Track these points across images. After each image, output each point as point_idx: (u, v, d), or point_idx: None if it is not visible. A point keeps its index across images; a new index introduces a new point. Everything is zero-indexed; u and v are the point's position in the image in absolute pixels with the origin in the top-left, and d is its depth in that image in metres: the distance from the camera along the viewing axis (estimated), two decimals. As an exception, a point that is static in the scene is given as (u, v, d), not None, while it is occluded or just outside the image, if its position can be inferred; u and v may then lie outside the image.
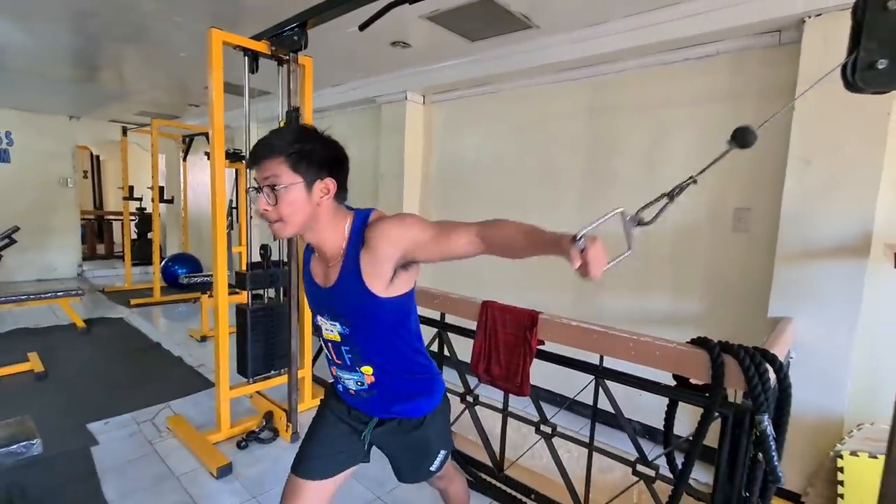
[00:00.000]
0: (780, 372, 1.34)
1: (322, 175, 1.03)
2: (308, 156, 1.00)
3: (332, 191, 1.05)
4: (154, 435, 2.46)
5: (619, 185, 2.61)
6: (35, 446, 1.60)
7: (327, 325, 1.16)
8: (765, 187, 2.14)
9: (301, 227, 1.06)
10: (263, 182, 1.01)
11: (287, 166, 0.99)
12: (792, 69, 2.00)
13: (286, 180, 0.99)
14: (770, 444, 1.28)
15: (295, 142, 1.00)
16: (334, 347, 1.17)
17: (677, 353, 1.50)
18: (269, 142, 1.01)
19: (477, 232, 0.99)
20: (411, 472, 1.34)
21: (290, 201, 1.00)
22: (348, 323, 1.12)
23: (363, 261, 1.06)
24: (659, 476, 1.59)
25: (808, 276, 1.91)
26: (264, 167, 1.00)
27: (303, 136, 1.03)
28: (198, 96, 4.93)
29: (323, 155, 1.03)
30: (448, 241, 1.01)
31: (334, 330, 1.14)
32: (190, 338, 4.17)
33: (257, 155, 1.01)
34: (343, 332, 1.13)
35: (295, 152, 0.99)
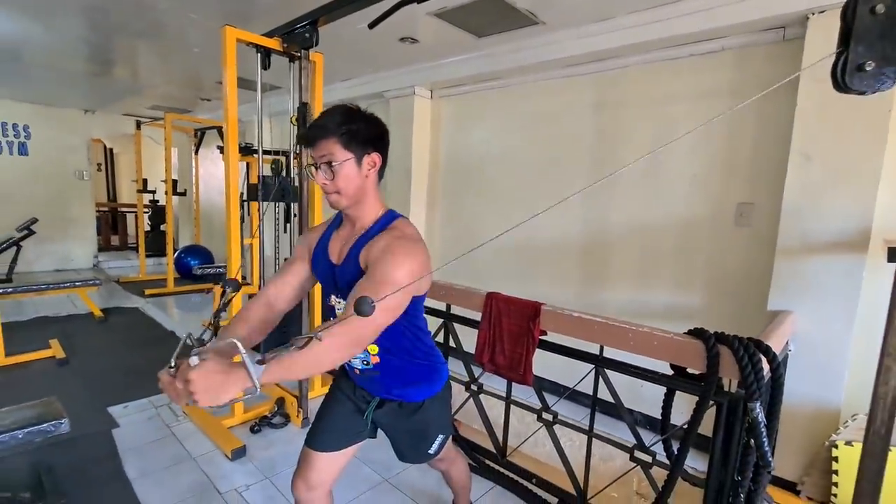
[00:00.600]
0: (773, 362, 1.38)
1: (369, 150, 1.12)
2: (356, 134, 1.10)
3: (378, 164, 1.15)
4: (171, 419, 2.56)
5: (623, 179, 2.64)
6: (63, 425, 1.70)
7: (340, 304, 1.23)
8: (767, 182, 2.17)
9: (353, 198, 1.15)
10: (320, 160, 1.11)
11: (340, 145, 1.09)
12: (795, 65, 2.02)
13: (340, 157, 1.09)
14: (761, 431, 1.33)
15: (344, 122, 1.09)
16: None
17: (674, 344, 1.55)
18: (323, 123, 1.10)
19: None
20: (411, 453, 1.43)
21: (345, 175, 1.11)
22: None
23: (364, 251, 1.13)
24: (656, 462, 1.65)
25: (808, 270, 1.94)
26: (320, 147, 1.10)
27: (350, 116, 1.11)
28: (210, 91, 5.02)
29: (368, 132, 1.12)
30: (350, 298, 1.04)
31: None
32: (203, 327, 4.27)
33: (313, 136, 1.11)
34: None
35: (345, 132, 1.08)
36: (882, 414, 0.85)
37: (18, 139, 6.13)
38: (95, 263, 6.96)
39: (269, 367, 0.87)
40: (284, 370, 0.90)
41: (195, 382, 0.82)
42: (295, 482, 1.33)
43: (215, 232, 7.14)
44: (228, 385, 0.84)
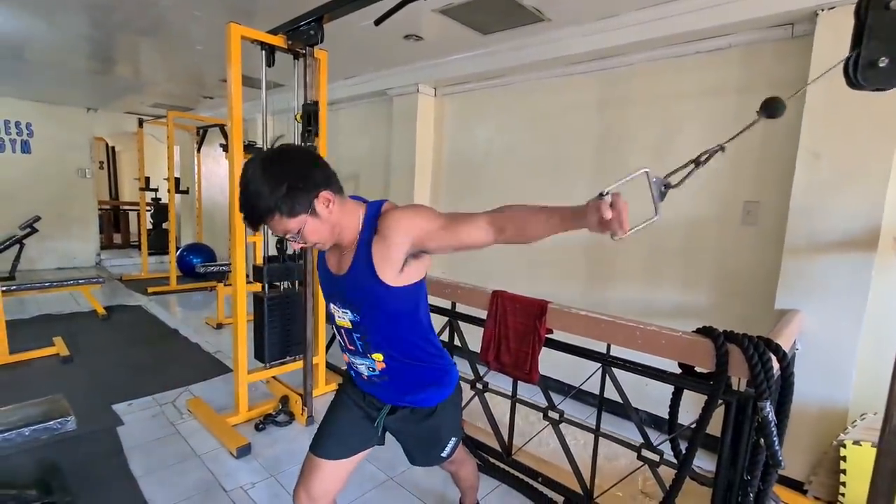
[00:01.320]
0: (782, 361, 1.38)
1: (314, 196, 1.05)
2: (293, 196, 1.02)
3: (333, 199, 1.08)
4: (176, 416, 2.56)
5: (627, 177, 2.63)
6: (69, 423, 1.70)
7: (339, 313, 1.21)
8: (774, 181, 2.16)
9: (334, 235, 1.12)
10: (281, 234, 1.08)
11: (286, 217, 1.03)
12: (804, 62, 2.00)
13: (295, 225, 1.05)
14: (771, 430, 1.32)
15: (272, 193, 1.00)
16: (346, 334, 1.23)
17: (683, 342, 1.54)
18: (255, 206, 1.02)
19: (487, 220, 1.02)
20: (423, 457, 1.41)
21: (312, 232, 1.07)
22: (359, 310, 1.17)
23: (375, 249, 1.11)
24: (663, 461, 1.64)
25: (816, 268, 1.93)
26: (271, 226, 1.06)
27: (273, 180, 1.01)
28: (212, 88, 5.01)
29: (300, 183, 1.03)
30: (458, 231, 1.05)
31: (346, 317, 1.20)
32: (206, 325, 4.28)
33: (255, 222, 1.05)
34: (354, 320, 1.19)
35: (281, 203, 1.01)
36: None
37: (21, 137, 6.13)
38: (98, 261, 6.97)
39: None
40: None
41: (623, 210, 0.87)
42: (297, 492, 1.28)
43: (217, 230, 7.13)
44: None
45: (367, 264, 1.11)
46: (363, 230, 1.13)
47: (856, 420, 1.83)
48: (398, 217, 1.10)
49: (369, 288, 1.13)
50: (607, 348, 1.77)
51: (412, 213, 1.10)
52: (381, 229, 1.11)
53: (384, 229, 1.10)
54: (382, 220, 1.11)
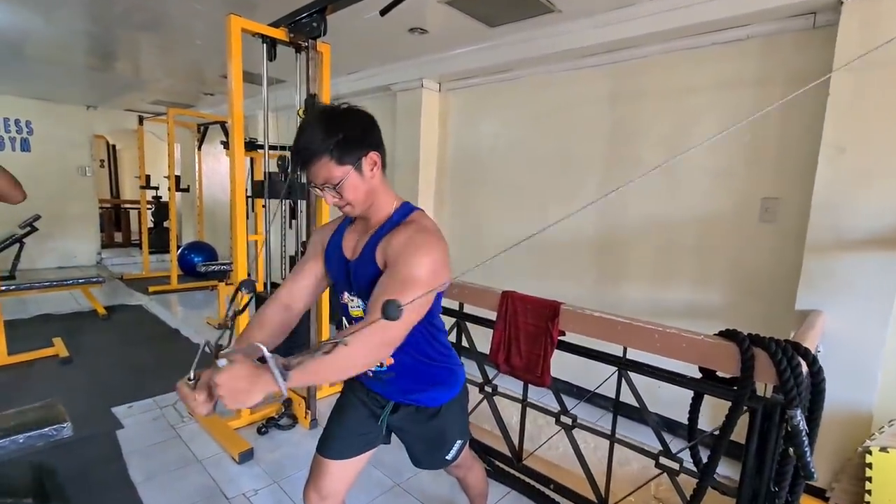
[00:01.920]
0: (812, 366, 1.31)
1: (364, 152, 1.04)
2: (346, 143, 1.01)
3: (379, 161, 1.07)
4: (176, 419, 2.50)
5: (641, 172, 2.55)
6: (65, 429, 1.63)
7: (353, 302, 1.17)
8: (794, 176, 2.08)
9: (365, 203, 1.09)
10: (320, 183, 1.04)
11: (334, 162, 1.01)
12: (826, 54, 1.93)
13: (339, 174, 1.02)
14: (803, 440, 1.25)
15: (328, 135, 1.00)
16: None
17: (705, 346, 1.47)
18: (307, 147, 1.01)
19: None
20: (427, 459, 1.37)
21: (351, 187, 1.04)
22: (367, 299, 1.11)
23: (381, 245, 1.07)
24: (683, 469, 1.58)
25: (839, 267, 1.86)
26: (314, 172, 1.03)
27: (332, 125, 1.02)
28: (213, 85, 4.94)
29: (356, 135, 1.04)
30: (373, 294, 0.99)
31: (360, 306, 1.15)
32: (207, 325, 4.23)
33: (304, 162, 1.03)
34: (365, 309, 1.14)
35: (334, 147, 1.00)
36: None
37: (21, 135, 6.07)
38: (99, 260, 6.92)
39: (295, 372, 0.85)
40: (311, 375, 0.88)
41: (223, 386, 0.83)
42: (307, 492, 1.28)
43: (219, 228, 7.08)
44: (255, 389, 0.83)
45: (371, 254, 1.08)
46: (385, 223, 1.11)
47: (883, 426, 1.76)
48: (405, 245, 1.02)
49: (374, 276, 1.08)
50: (624, 351, 1.70)
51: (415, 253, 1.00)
52: (391, 235, 1.06)
53: (391, 238, 1.05)
54: (397, 230, 1.07)
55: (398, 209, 1.13)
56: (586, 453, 1.95)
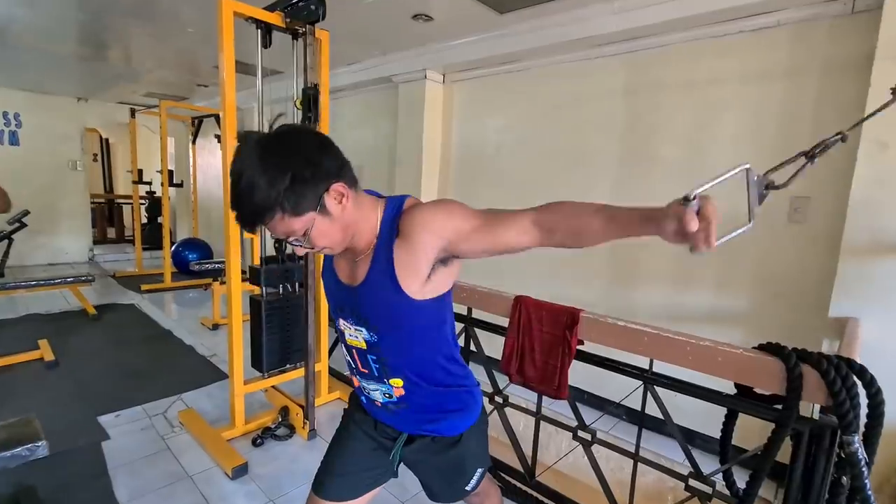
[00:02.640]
0: (870, 387, 1.17)
1: (323, 190, 0.84)
2: (298, 189, 0.81)
3: (347, 192, 0.87)
4: (166, 430, 2.36)
5: (659, 169, 2.42)
6: (40, 449, 1.50)
7: (351, 331, 1.01)
8: (827, 174, 1.95)
9: (346, 238, 0.92)
10: (283, 237, 0.86)
11: (288, 215, 0.82)
12: (866, 41, 1.79)
13: (300, 226, 0.84)
14: (862, 470, 1.12)
15: (271, 186, 0.78)
16: (359, 355, 1.03)
17: (744, 361, 1.34)
18: (250, 206, 0.80)
19: (533, 220, 0.82)
20: (445, 492, 1.22)
21: (320, 235, 0.87)
22: (375, 329, 0.97)
23: (397, 253, 0.90)
24: (716, 493, 1.45)
25: (879, 272, 1.73)
26: (272, 227, 0.84)
27: (272, 168, 0.79)
28: (206, 76, 4.77)
29: (308, 172, 0.82)
30: (497, 232, 0.85)
31: (359, 336, 1.00)
32: (201, 325, 4.08)
33: (251, 223, 0.84)
34: (370, 340, 0.99)
35: (283, 199, 0.80)
36: None
37: (9, 128, 5.89)
38: (91, 257, 6.75)
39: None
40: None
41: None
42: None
43: (214, 225, 6.92)
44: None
45: (388, 273, 0.91)
46: (382, 232, 0.93)
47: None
48: (426, 215, 0.89)
49: (390, 302, 0.93)
50: (650, 364, 1.57)
51: (443, 211, 0.89)
52: (405, 230, 0.90)
53: (409, 230, 0.89)
54: (406, 220, 0.90)
55: (384, 213, 0.94)
56: (600, 464, 1.83)
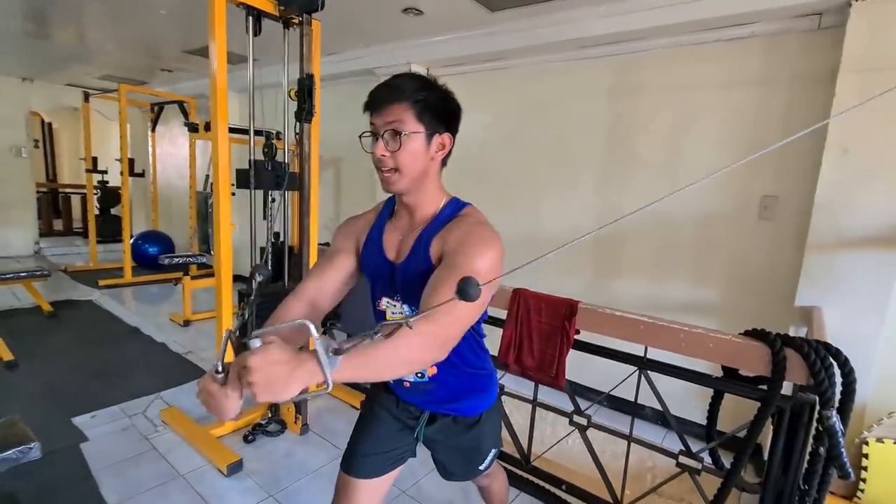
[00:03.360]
0: (844, 367, 1.32)
1: (441, 129, 0.97)
2: (432, 106, 0.93)
3: (448, 147, 1.00)
4: (149, 429, 2.28)
5: (640, 168, 2.55)
6: (33, 451, 1.43)
7: (395, 308, 1.06)
8: (794, 175, 2.13)
9: (413, 182, 0.98)
10: (386, 126, 0.93)
11: (412, 113, 0.92)
12: (831, 55, 1.96)
13: (410, 127, 0.93)
14: (839, 441, 1.26)
15: (421, 89, 0.93)
16: None
17: (733, 346, 1.47)
18: (398, 85, 0.93)
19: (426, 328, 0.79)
20: (460, 471, 1.29)
21: (411, 150, 0.94)
22: (417, 304, 1.00)
23: (436, 239, 0.98)
24: (706, 468, 1.58)
25: (839, 265, 1.92)
26: (388, 111, 0.93)
27: (427, 84, 0.95)
28: (171, 60, 4.54)
29: (445, 108, 0.97)
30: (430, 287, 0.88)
31: (404, 312, 1.05)
32: (171, 322, 3.92)
33: (381, 98, 0.93)
34: (411, 315, 1.03)
35: (421, 100, 0.92)
36: None
37: (-59, 109, 5.37)
38: (37, 250, 6.28)
39: (346, 359, 0.67)
40: (363, 365, 0.71)
41: (257, 371, 0.63)
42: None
43: (175, 217, 6.62)
44: (294, 377, 0.65)
45: (426, 258, 0.98)
46: (438, 217, 1.01)
47: (882, 418, 1.84)
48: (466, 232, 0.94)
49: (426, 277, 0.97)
50: (644, 350, 1.67)
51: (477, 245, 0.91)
52: (448, 230, 0.97)
53: (449, 233, 0.96)
54: (454, 225, 0.98)
55: (448, 203, 1.04)
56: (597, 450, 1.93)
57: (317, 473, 2.03)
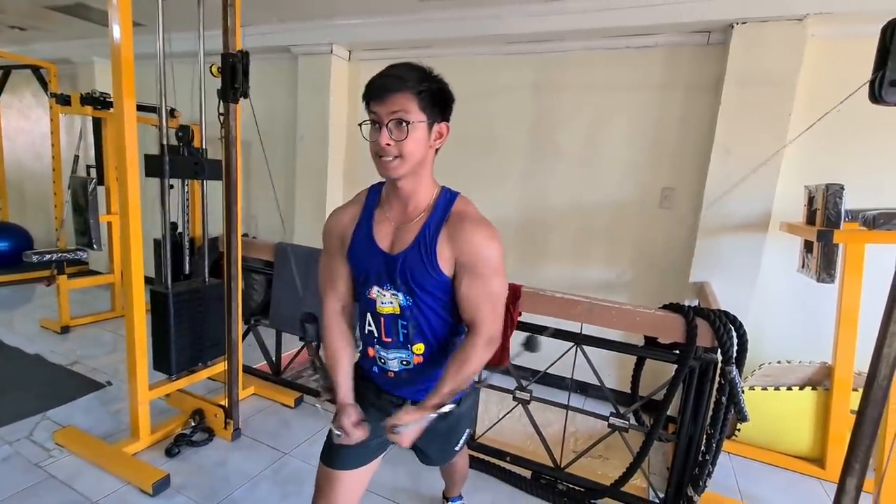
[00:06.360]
0: (739, 329, 1.60)
1: (439, 118, 1.01)
2: (434, 96, 0.97)
3: (445, 136, 1.03)
4: (40, 455, 1.94)
5: (562, 160, 2.76)
6: None
7: (386, 297, 1.07)
8: (688, 170, 2.48)
9: (413, 168, 1.00)
10: (391, 116, 0.94)
11: (416, 103, 0.95)
12: (716, 67, 2.32)
13: (415, 117, 0.95)
14: (738, 390, 1.54)
15: (424, 80, 0.96)
16: (388, 322, 1.10)
17: (655, 319, 1.70)
18: (401, 75, 0.95)
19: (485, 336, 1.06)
20: (438, 454, 1.34)
21: (416, 138, 0.96)
22: (413, 293, 1.05)
23: (441, 245, 1.02)
24: (632, 426, 1.81)
25: (723, 246, 2.30)
26: (393, 100, 0.94)
27: (428, 75, 0.98)
28: (22, 16, 3.77)
29: (444, 98, 1.00)
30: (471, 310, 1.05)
31: (395, 302, 1.07)
32: (43, 329, 3.33)
33: (385, 87, 0.94)
34: (405, 304, 1.06)
35: (425, 90, 0.95)
36: (885, 370, 1.04)
37: None
38: None
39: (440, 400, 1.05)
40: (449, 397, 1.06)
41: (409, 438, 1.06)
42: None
43: (29, 205, 5.58)
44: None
45: (431, 251, 1.02)
46: (435, 210, 1.04)
47: (754, 370, 2.26)
48: (477, 234, 1.01)
49: (425, 273, 1.03)
50: (580, 328, 1.85)
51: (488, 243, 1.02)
52: (453, 232, 1.01)
53: (458, 228, 1.01)
54: (460, 222, 1.02)
55: (441, 194, 1.07)
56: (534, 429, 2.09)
57: (257, 478, 1.92)
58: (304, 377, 2.84)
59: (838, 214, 1.90)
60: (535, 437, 2.03)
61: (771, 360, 2.24)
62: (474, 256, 1.00)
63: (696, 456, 1.70)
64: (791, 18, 2.06)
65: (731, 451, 2.29)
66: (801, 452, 2.24)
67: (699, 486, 1.67)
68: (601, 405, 2.65)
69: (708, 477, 1.68)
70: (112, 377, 2.66)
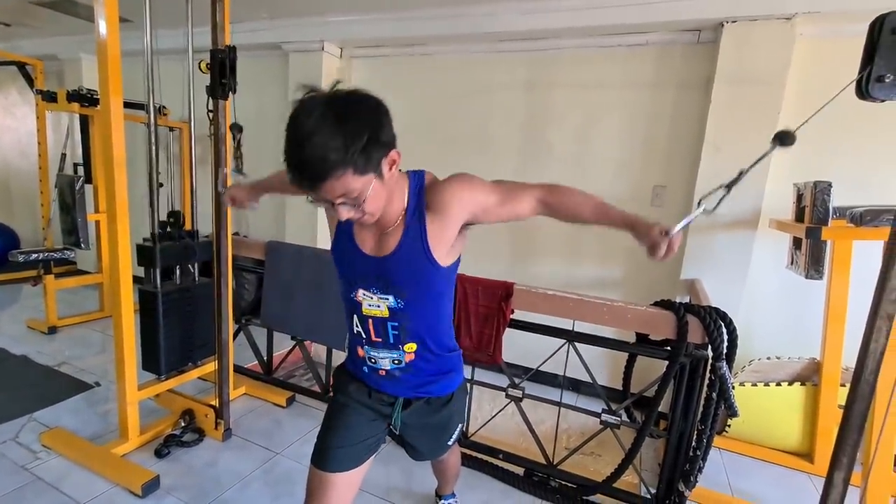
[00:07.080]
0: (729, 326, 1.61)
1: (385, 152, 0.87)
2: (368, 151, 0.81)
3: (398, 159, 0.93)
4: (26, 457, 1.92)
5: (554, 157, 2.77)
6: None
7: (373, 300, 1.06)
8: (679, 168, 2.49)
9: (383, 207, 0.96)
10: (337, 199, 0.85)
11: (353, 174, 0.82)
12: (706, 66, 2.33)
13: (360, 186, 0.84)
14: (729, 386, 1.55)
15: (350, 144, 0.78)
16: (376, 324, 1.08)
17: (646, 315, 1.70)
18: (322, 155, 0.78)
19: (541, 197, 1.04)
20: (431, 450, 1.34)
21: (372, 199, 0.89)
22: (403, 295, 1.04)
23: (430, 226, 1.00)
24: (623, 423, 1.82)
25: (713, 244, 2.31)
26: (330, 188, 0.82)
27: (349, 127, 0.79)
28: (9, 12, 3.71)
29: (377, 134, 0.83)
30: (513, 205, 1.03)
31: (383, 305, 1.05)
32: (30, 330, 3.28)
33: (316, 177, 0.80)
34: (395, 307, 1.05)
35: (356, 154, 0.80)
36: (872, 365, 1.05)
37: None
38: None
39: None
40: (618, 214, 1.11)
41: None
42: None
43: (15, 204, 5.49)
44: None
45: (421, 243, 1.00)
46: (410, 205, 1.01)
47: (744, 366, 2.28)
48: (455, 190, 1.01)
49: (421, 268, 1.02)
50: (572, 325, 1.86)
51: (469, 187, 1.02)
52: (436, 204, 1.00)
53: (439, 204, 1.00)
54: (436, 194, 1.01)
55: (411, 186, 1.03)
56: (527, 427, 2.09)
57: (248, 479, 1.90)
58: (295, 376, 2.82)
59: (826, 211, 1.93)
60: (527, 435, 2.03)
61: (760, 357, 2.26)
62: (471, 203, 1.00)
63: (686, 452, 1.71)
64: (780, 17, 2.08)
65: (721, 446, 2.31)
66: (790, 447, 2.26)
67: (690, 482, 1.68)
68: (593, 402, 2.66)
69: (699, 472, 1.69)
70: (100, 378, 2.62)
